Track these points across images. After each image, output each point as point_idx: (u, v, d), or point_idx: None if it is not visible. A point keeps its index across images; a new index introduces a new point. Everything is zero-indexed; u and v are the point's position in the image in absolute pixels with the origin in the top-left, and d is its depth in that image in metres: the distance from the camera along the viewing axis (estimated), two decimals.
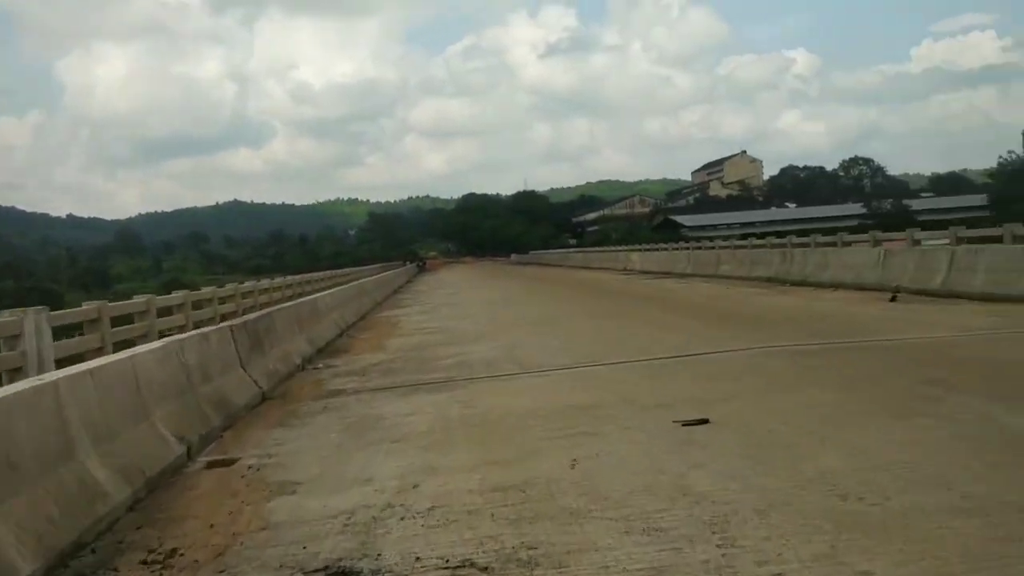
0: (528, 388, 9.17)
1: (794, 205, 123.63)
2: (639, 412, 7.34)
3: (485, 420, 7.64)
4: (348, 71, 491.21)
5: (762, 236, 37.85)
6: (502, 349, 12.81)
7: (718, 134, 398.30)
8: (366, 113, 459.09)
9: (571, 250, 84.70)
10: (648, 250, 45.57)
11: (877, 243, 22.40)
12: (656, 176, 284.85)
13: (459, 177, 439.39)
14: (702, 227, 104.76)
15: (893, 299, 16.76)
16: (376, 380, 10.83)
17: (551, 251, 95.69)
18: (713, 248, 34.91)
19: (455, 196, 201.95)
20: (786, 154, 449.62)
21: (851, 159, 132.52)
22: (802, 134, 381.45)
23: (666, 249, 42.64)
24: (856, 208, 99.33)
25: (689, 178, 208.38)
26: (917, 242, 21.18)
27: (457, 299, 28.38)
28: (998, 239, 18.77)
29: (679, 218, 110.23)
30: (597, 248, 65.70)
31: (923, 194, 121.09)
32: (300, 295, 22.25)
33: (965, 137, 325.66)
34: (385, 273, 45.89)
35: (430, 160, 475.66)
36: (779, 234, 39.46)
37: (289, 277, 29.00)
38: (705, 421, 6.79)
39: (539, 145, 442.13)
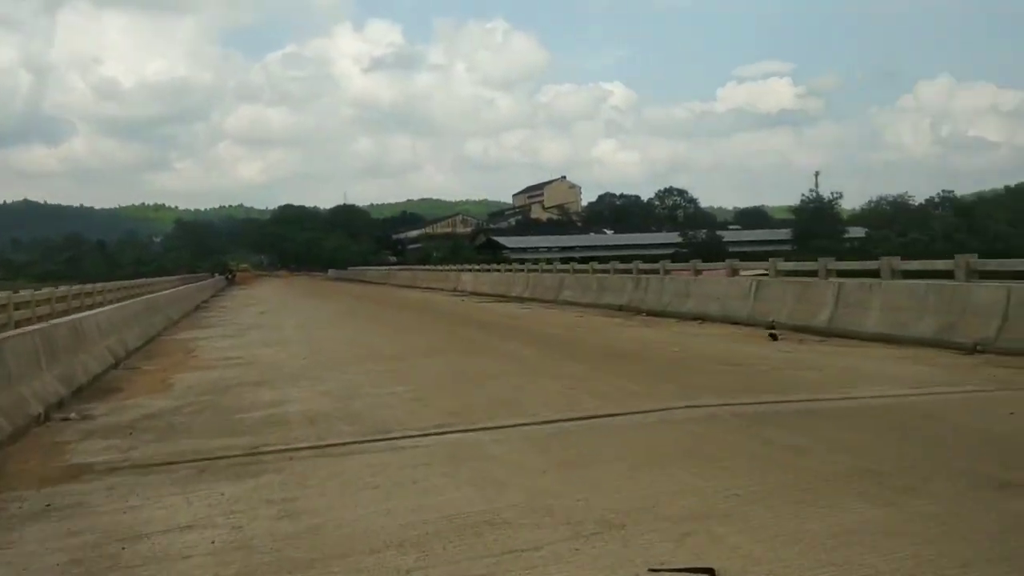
0: (379, 473, 5.97)
1: (611, 231, 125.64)
2: (575, 540, 4.35)
3: (314, 551, 4.42)
4: (160, 70, 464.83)
5: (583, 260, 37.85)
6: (332, 397, 9.50)
7: (538, 159, 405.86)
8: (178, 116, 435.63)
9: (396, 267, 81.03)
10: (481, 270, 42.89)
11: (735, 271, 20.68)
12: (477, 197, 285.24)
13: (275, 187, 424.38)
14: (523, 248, 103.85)
15: (774, 337, 14.69)
16: (147, 447, 7.28)
17: (373, 268, 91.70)
18: (552, 271, 32.48)
19: (271, 207, 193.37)
20: (602, 181, 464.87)
21: (666, 189, 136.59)
22: (617, 163, 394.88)
23: (499, 270, 40.01)
24: (673, 237, 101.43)
25: (510, 200, 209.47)
26: (736, 271, 20.49)
27: (271, 320, 24.45)
28: (812, 273, 17.07)
29: (501, 239, 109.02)
30: (425, 266, 62.63)
31: (731, 226, 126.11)
32: (67, 311, 17.83)
33: (764, 174, 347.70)
34: (186, 286, 40.85)
35: (245, 168, 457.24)
36: (602, 259, 38.14)
37: (63, 288, 24.10)
38: (710, 572, 3.89)
39: (361, 159, 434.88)
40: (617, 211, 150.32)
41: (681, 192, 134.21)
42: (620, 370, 10.74)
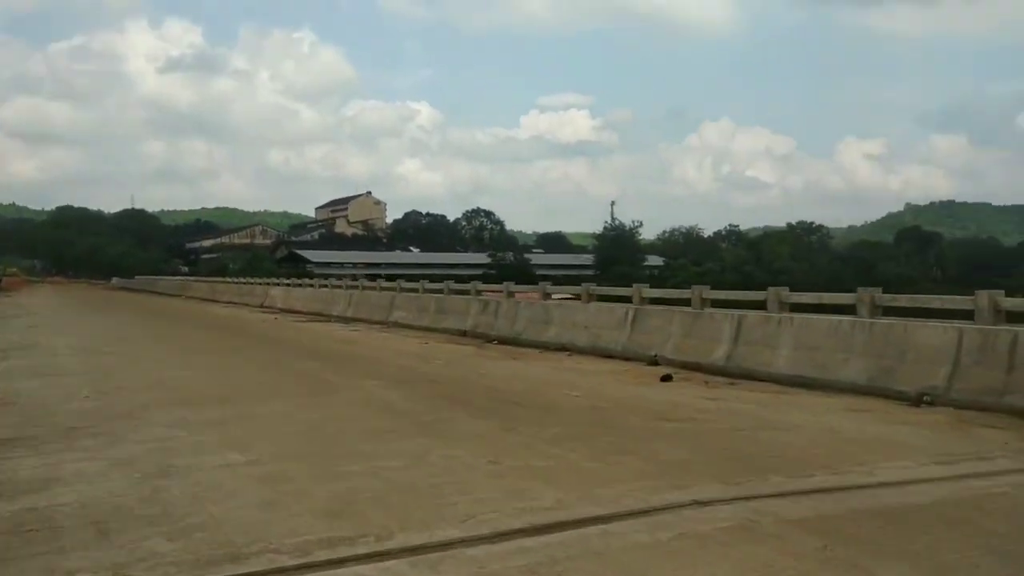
0: None
1: (417, 250, 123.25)
2: None
3: None
4: None
5: (390, 278, 36.18)
6: (132, 473, 6.24)
7: (341, 173, 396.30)
8: None
9: (192, 278, 74.22)
10: (293, 285, 38.79)
11: (547, 295, 19.07)
12: (277, 208, 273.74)
13: (55, 187, 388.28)
14: (328, 263, 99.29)
15: (667, 378, 12.55)
16: None
17: (165, 278, 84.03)
18: (375, 288, 29.14)
19: (48, 208, 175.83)
20: (406, 199, 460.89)
21: (473, 210, 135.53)
22: (421, 182, 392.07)
23: (312, 286, 36.17)
24: (481, 257, 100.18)
25: (311, 213, 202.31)
26: (548, 295, 19.49)
27: (42, 337, 19.78)
28: (624, 299, 16.56)
29: (304, 252, 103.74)
30: (226, 279, 57.23)
31: (534, 250, 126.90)
32: None
33: (562, 201, 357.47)
34: None
35: (20, 165, 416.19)
36: (408, 277, 35.89)
37: None
38: None
39: (152, 163, 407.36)
40: (423, 230, 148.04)
41: (488, 214, 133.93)
42: (538, 430, 8.00)
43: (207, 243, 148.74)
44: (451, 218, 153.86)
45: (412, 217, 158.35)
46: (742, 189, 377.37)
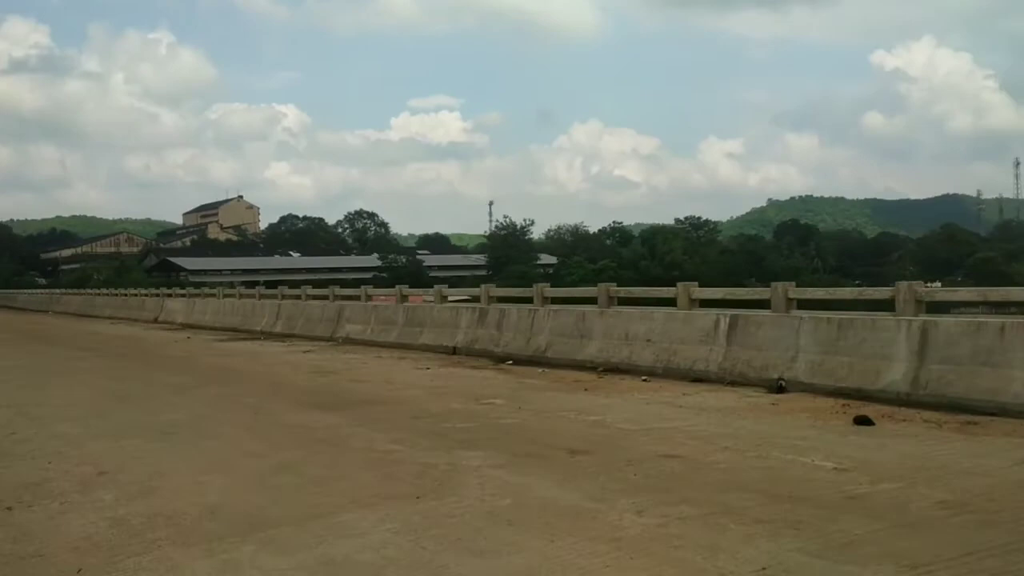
0: None
1: (297, 254, 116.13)
2: None
3: None
4: None
5: (270, 284, 33.68)
6: None
7: (206, 178, 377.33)
8: None
9: (58, 291, 65.30)
10: (197, 296, 32.69)
11: (444, 297, 14.94)
12: (139, 215, 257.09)
13: None
14: (204, 271, 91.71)
15: (863, 420, 8.70)
16: None
17: (25, 291, 74.44)
18: (327, 297, 23.79)
19: None
20: (275, 204, 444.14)
21: (356, 212, 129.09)
22: (291, 186, 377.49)
23: (225, 297, 30.30)
24: (370, 260, 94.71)
25: (177, 220, 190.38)
26: (445, 297, 18.83)
27: None
28: (590, 299, 14.63)
29: (177, 260, 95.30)
30: (108, 290, 49.83)
31: (419, 252, 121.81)
32: None
33: (436, 203, 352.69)
34: None
35: None
36: (291, 283, 32.24)
37: None
38: None
39: None
40: (300, 233, 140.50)
41: (371, 215, 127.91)
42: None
43: (66, 253, 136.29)
44: (329, 221, 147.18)
45: (288, 221, 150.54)
46: (612, 188, 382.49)
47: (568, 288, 23.99)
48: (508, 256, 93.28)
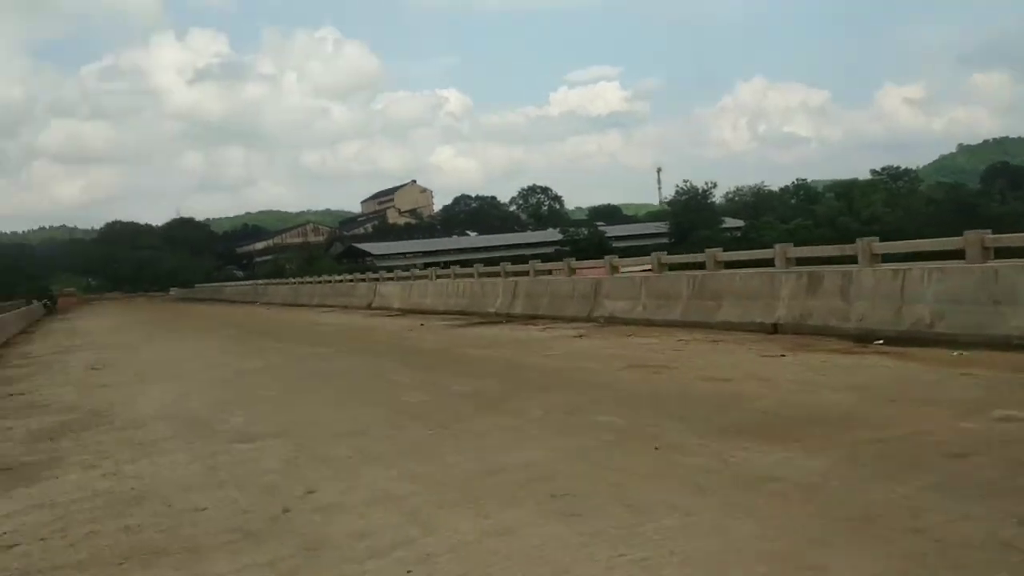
0: None
1: (474, 233, 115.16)
2: None
3: None
4: None
5: (454, 264, 29.60)
6: None
7: (377, 167, 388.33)
8: None
9: (261, 282, 66.21)
10: (412, 278, 30.39)
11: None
12: (319, 207, 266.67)
13: (100, 206, 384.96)
14: (388, 255, 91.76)
15: None
16: None
17: (230, 284, 76.69)
18: (561, 271, 20.63)
19: (97, 227, 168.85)
20: (443, 187, 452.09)
21: (529, 188, 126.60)
22: (456, 169, 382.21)
23: (469, 275, 25.76)
24: (548, 235, 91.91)
25: (354, 208, 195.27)
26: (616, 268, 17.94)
27: (111, 396, 11.34)
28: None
29: (363, 245, 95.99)
30: (318, 278, 49.37)
31: (598, 224, 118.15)
32: None
33: (599, 175, 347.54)
34: None
35: (65, 188, 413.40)
36: (471, 263, 29.47)
37: None
38: None
39: (192, 174, 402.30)
40: (474, 213, 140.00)
41: (545, 189, 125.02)
42: None
43: (259, 246, 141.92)
44: (502, 199, 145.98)
45: (462, 201, 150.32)
46: (780, 146, 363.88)
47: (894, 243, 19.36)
48: (691, 222, 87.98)
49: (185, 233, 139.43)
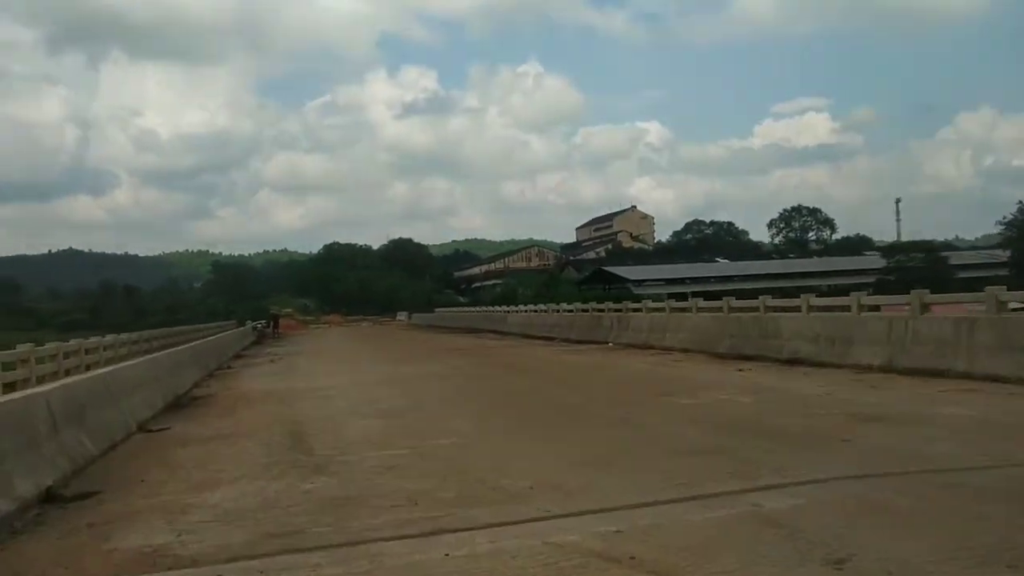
0: None
1: (725, 260, 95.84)
2: None
3: None
4: (196, 121, 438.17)
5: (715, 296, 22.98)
6: None
7: (575, 199, 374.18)
8: (216, 165, 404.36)
9: (504, 308, 48.24)
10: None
11: None
12: (521, 236, 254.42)
13: (317, 232, 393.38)
14: (643, 281, 73.97)
15: None
16: None
17: (471, 309, 61.23)
18: None
19: (314, 251, 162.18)
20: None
21: (794, 208, 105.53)
22: (653, 200, 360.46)
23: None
24: (874, 261, 71.06)
25: (558, 238, 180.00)
26: None
27: None
28: None
29: (616, 269, 78.86)
30: (556, 308, 32.50)
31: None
32: None
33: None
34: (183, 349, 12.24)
35: (285, 215, 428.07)
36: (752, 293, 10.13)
37: None
38: None
39: (398, 204, 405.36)
40: (706, 240, 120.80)
41: (814, 211, 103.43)
42: None
43: (476, 270, 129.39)
44: (739, 225, 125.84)
45: (694, 227, 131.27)
46: (1010, 181, 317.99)
47: None
48: None
49: (403, 255, 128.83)
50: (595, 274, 79.88)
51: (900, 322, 12.97)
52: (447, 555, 4.26)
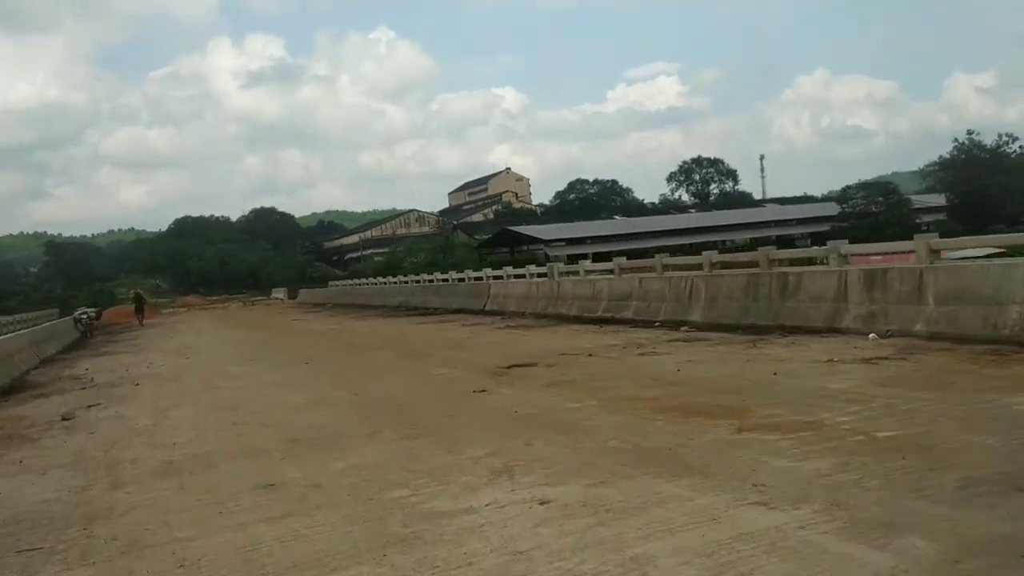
0: None
1: (620, 217, 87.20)
2: None
3: None
4: (26, 95, 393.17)
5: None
6: None
7: (434, 167, 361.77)
8: (50, 141, 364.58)
9: (414, 281, 36.13)
10: None
11: None
12: (384, 207, 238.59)
13: (166, 210, 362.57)
14: (561, 240, 63.41)
15: None
16: None
17: (365, 283, 48.34)
18: None
19: (164, 229, 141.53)
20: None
21: (694, 160, 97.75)
22: (514, 167, 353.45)
23: None
24: (832, 208, 62.97)
25: (422, 208, 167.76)
26: None
27: None
28: None
29: (525, 229, 67.93)
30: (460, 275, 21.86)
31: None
32: None
33: (660, 170, 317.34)
34: None
35: (131, 192, 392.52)
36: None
37: None
38: None
39: (252, 177, 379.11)
40: (590, 199, 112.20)
41: (715, 162, 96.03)
42: None
43: (348, 240, 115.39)
44: (622, 183, 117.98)
45: (576, 187, 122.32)
46: (844, 140, 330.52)
47: None
48: (984, 186, 58.80)
49: (265, 227, 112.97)
50: (499, 235, 68.76)
51: None
52: None
